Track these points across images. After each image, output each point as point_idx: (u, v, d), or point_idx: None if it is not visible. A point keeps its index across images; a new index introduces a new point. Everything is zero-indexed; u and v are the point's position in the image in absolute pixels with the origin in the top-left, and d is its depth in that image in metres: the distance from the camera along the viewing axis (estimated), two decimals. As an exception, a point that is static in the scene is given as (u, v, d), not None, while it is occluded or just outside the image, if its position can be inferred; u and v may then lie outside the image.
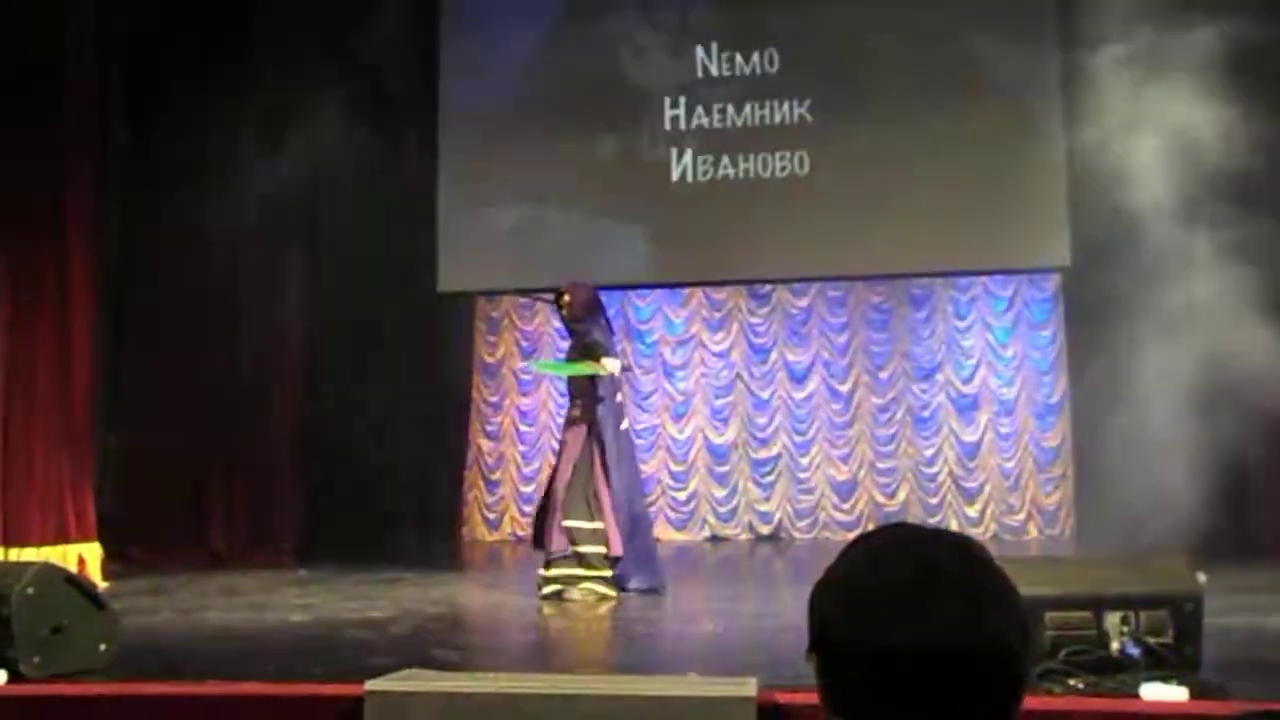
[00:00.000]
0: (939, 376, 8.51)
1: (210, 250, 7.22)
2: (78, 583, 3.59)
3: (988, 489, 8.27)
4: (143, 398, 7.30)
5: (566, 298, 5.40)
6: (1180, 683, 2.72)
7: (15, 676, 3.15)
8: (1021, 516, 8.13)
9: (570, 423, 5.38)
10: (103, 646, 3.44)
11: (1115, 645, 2.89)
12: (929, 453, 8.50)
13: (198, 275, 7.21)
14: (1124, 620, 2.91)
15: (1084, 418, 7.46)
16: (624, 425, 5.39)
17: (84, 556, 6.01)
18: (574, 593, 4.99)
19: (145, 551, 7.01)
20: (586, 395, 5.25)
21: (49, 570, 3.50)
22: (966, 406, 8.45)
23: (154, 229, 7.40)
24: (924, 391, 8.52)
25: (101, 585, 5.10)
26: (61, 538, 5.99)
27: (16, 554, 5.66)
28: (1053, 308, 8.20)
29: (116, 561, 6.50)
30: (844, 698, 0.92)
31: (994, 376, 8.41)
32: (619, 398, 5.39)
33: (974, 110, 7.12)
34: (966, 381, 8.48)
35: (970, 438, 8.42)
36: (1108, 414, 6.20)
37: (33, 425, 5.97)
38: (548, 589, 5.04)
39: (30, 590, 3.26)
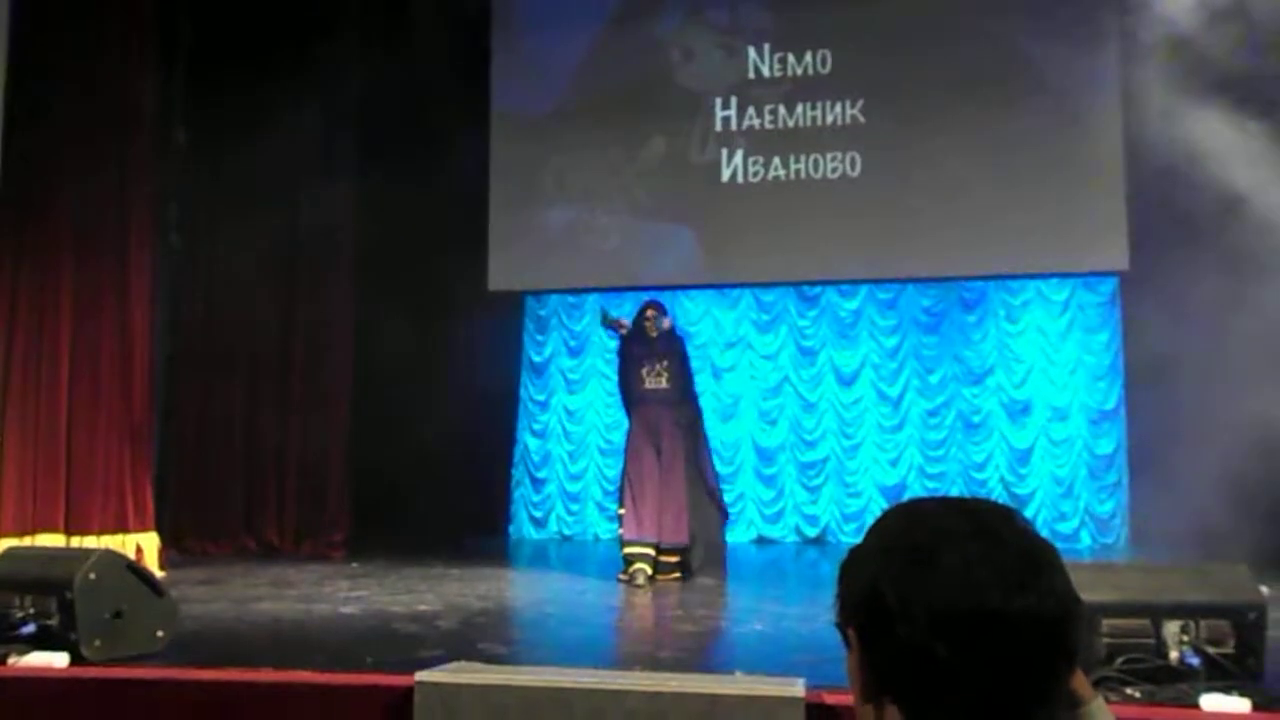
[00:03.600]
0: (990, 381, 8.39)
1: (264, 249, 7.36)
2: (137, 570, 3.69)
3: (1039, 495, 8.12)
4: (198, 393, 7.47)
5: (666, 323, 5.98)
6: (1242, 694, 2.65)
7: (77, 659, 3.24)
8: (1074, 524, 7.97)
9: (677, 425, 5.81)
10: (160, 632, 3.52)
11: (1174, 654, 2.82)
12: (979, 458, 8.37)
13: (252, 272, 7.36)
14: (1183, 629, 2.84)
15: (1141, 424, 7.30)
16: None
17: (142, 546, 6.16)
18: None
19: (200, 542, 7.18)
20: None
21: (110, 557, 3.59)
22: (1018, 411, 8.31)
23: (210, 228, 7.57)
24: (975, 396, 8.40)
25: (158, 574, 5.21)
26: (121, 527, 6.15)
27: (78, 541, 5.82)
28: (1109, 312, 8.03)
29: (173, 551, 6.66)
30: (891, 669, 0.84)
31: (1047, 381, 8.26)
32: None
33: (1029, 109, 7.00)
34: (1019, 386, 8.34)
35: (1022, 443, 8.28)
36: (1165, 421, 6.06)
37: (95, 419, 6.14)
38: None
39: (92, 575, 3.35)
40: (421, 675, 2.77)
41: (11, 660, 3.16)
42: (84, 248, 6.21)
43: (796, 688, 2.65)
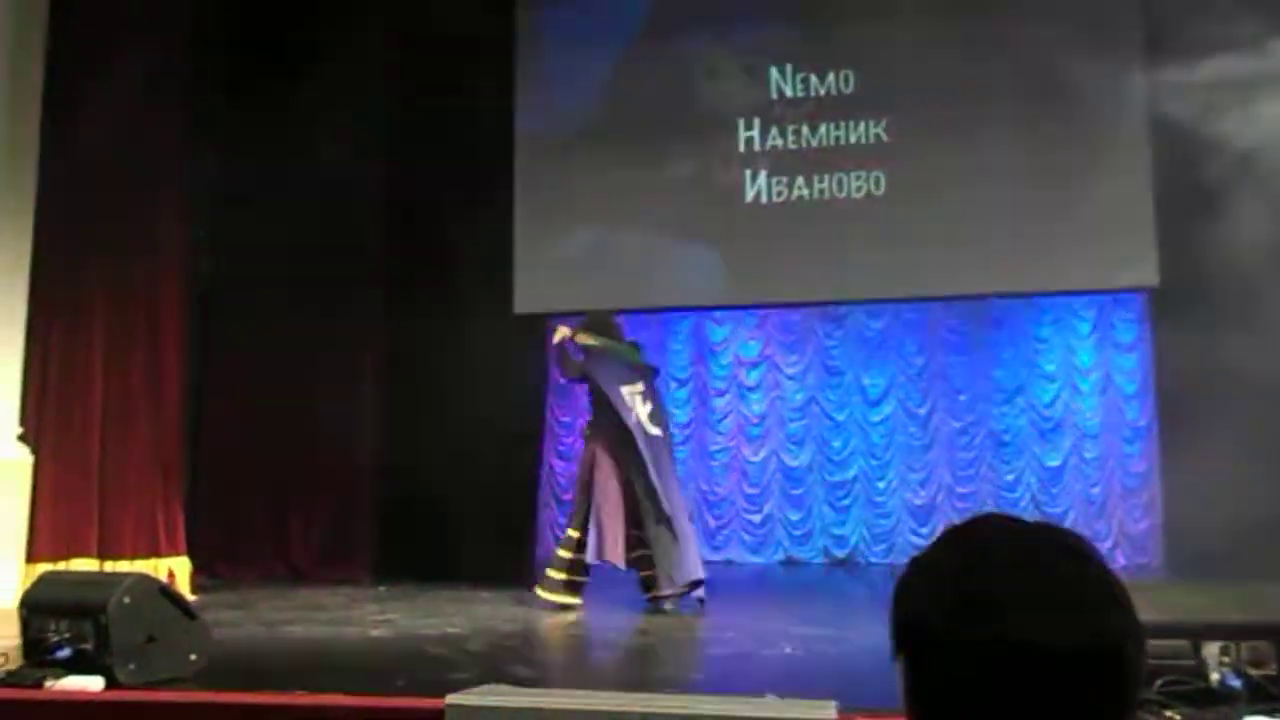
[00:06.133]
0: (1020, 399, 8.31)
1: (292, 273, 7.45)
2: (170, 594, 3.71)
3: (1071, 515, 8.02)
4: (228, 421, 7.54)
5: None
6: (1286, 717, 2.60)
7: (112, 682, 3.26)
8: (1108, 544, 7.86)
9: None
10: (193, 656, 3.54)
11: (1215, 676, 2.77)
12: (1009, 478, 8.29)
13: (279, 298, 7.44)
14: (1224, 650, 2.79)
15: (1174, 442, 7.20)
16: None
17: (173, 570, 6.22)
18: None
19: (230, 567, 7.22)
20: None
21: (144, 581, 3.62)
22: (1049, 430, 8.23)
23: (238, 254, 7.66)
24: (1004, 415, 8.33)
25: (190, 598, 5.25)
26: (153, 551, 6.21)
27: (111, 566, 5.88)
28: (1140, 329, 7.94)
29: (203, 575, 6.70)
30: (937, 701, 0.83)
31: (1077, 400, 8.18)
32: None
33: (1055, 125, 6.96)
34: (1049, 405, 8.26)
35: (1053, 462, 8.20)
36: (1199, 438, 5.98)
37: (128, 446, 6.23)
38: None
39: (127, 600, 3.38)
40: (452, 698, 2.76)
41: (48, 684, 3.19)
42: (116, 277, 6.32)
43: (829, 710, 2.62)
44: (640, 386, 5.70)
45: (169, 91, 6.55)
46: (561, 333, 5.72)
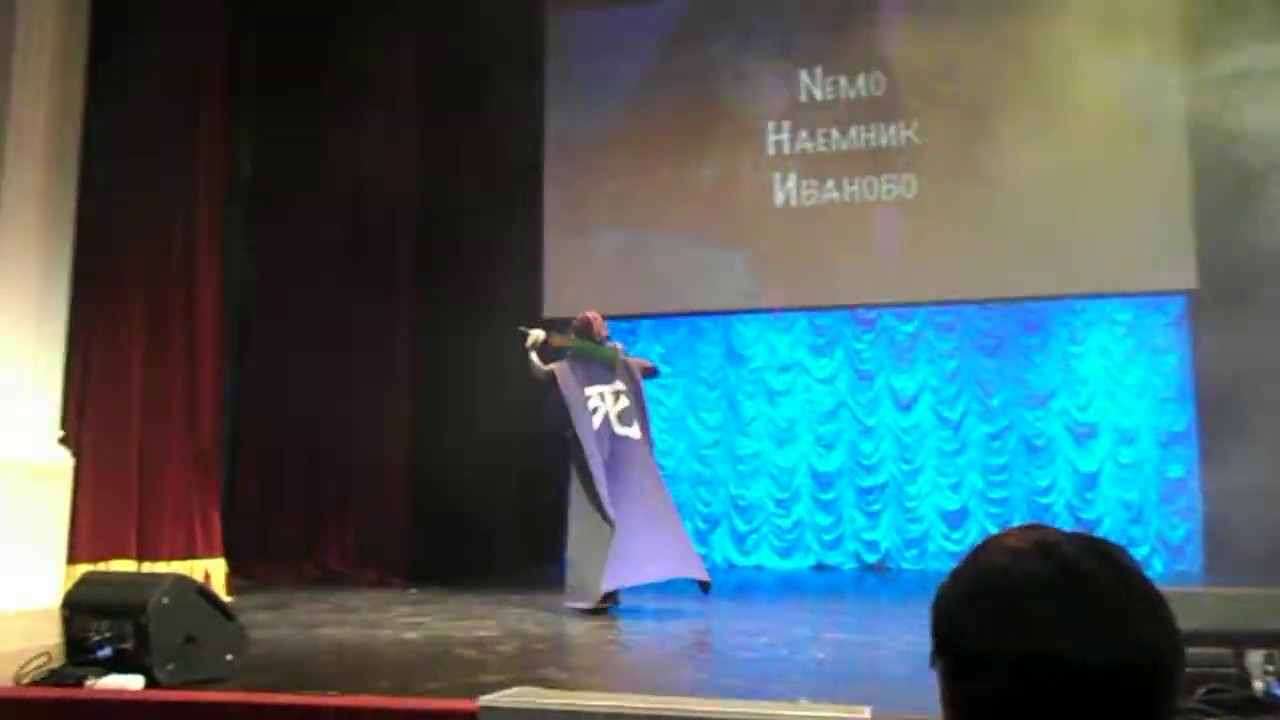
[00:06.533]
0: (1054, 404, 8.22)
1: (324, 278, 7.52)
2: (208, 595, 3.75)
3: (1107, 521, 7.92)
4: (263, 424, 7.63)
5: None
6: (1333, 726, 2.55)
7: (151, 682, 3.30)
8: (1145, 550, 7.75)
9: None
10: (230, 656, 3.58)
11: (1258, 685, 2.72)
12: (1044, 483, 8.20)
13: (312, 302, 7.52)
14: (1268, 658, 2.74)
15: (1214, 447, 7.08)
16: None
17: (209, 572, 6.29)
18: None
19: (265, 569, 7.30)
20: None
21: (183, 582, 3.66)
22: (1084, 435, 8.13)
23: (272, 257, 7.75)
24: (1038, 419, 8.24)
25: (225, 599, 5.31)
26: (190, 553, 6.30)
27: (149, 567, 5.96)
28: (1178, 332, 7.82)
29: (239, 577, 6.78)
30: (974, 711, 0.84)
31: (1113, 404, 8.07)
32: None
33: (1089, 125, 6.89)
34: (1083, 409, 8.16)
35: (1088, 467, 8.09)
36: (1241, 443, 5.88)
37: (166, 449, 6.32)
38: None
39: (166, 600, 3.42)
40: (485, 700, 2.77)
41: (89, 683, 3.24)
42: (154, 282, 6.42)
43: (864, 714, 2.61)
44: (617, 385, 5.67)
45: (205, 92, 6.65)
46: (534, 336, 5.71)
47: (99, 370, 6.19)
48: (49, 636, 3.78)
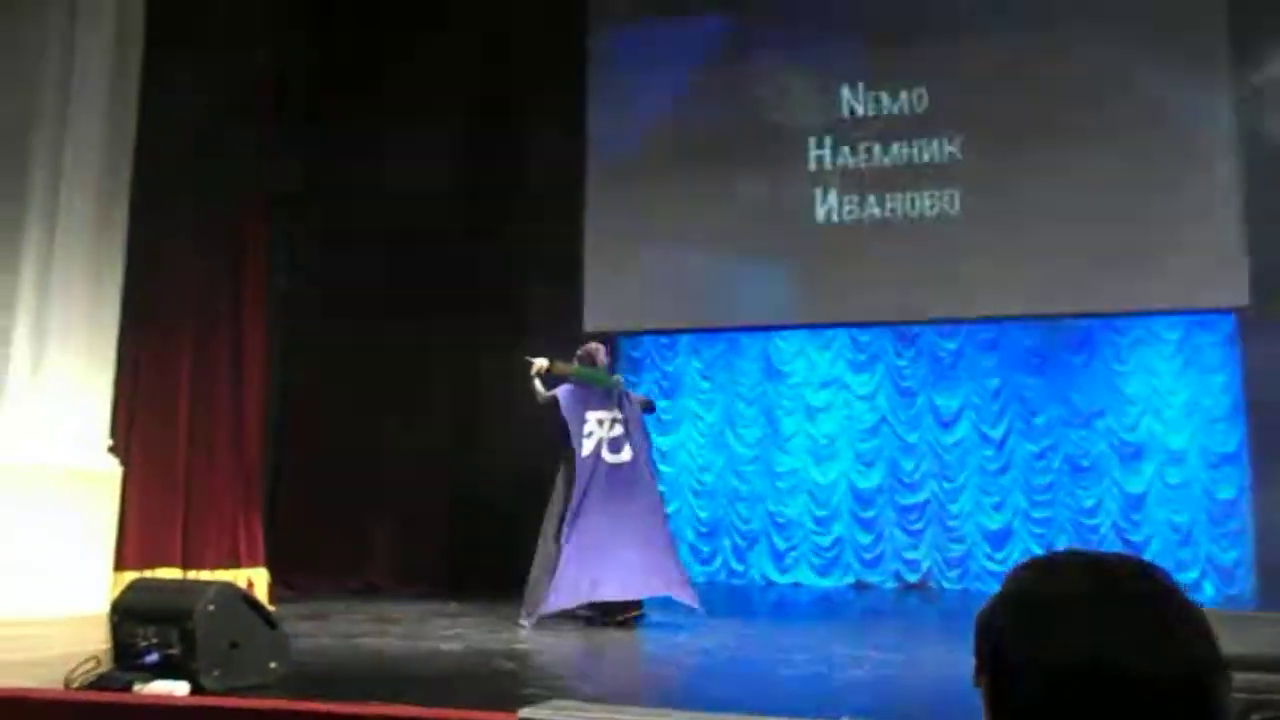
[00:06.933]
0: (1100, 423, 8.08)
1: (365, 294, 7.62)
2: (252, 602, 3.81)
3: (1155, 543, 7.76)
4: (306, 436, 7.73)
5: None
6: (1393, 757, 2.47)
7: (197, 688, 3.35)
8: (1195, 574, 7.58)
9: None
10: (273, 664, 3.62)
11: (1315, 712, 2.64)
12: (1089, 503, 8.06)
13: (354, 317, 7.61)
14: (1324, 685, 2.66)
15: (1267, 469, 6.91)
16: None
17: (252, 581, 6.38)
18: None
19: (307, 579, 7.38)
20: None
21: (229, 589, 3.71)
22: (1130, 455, 7.98)
23: (317, 271, 7.87)
24: (1083, 438, 8.11)
25: (268, 608, 5.37)
26: (233, 562, 6.39)
27: (194, 575, 6.06)
28: (1228, 350, 7.66)
29: (281, 587, 6.86)
30: None
31: (1161, 424, 7.92)
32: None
33: (1136, 139, 6.80)
34: (1130, 429, 8.02)
35: (1135, 488, 7.94)
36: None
37: (212, 460, 6.44)
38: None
39: (212, 607, 3.47)
40: (525, 712, 2.78)
41: (136, 688, 3.29)
42: (202, 294, 6.55)
43: (906, 736, 2.57)
44: (615, 413, 5.75)
45: (252, 108, 6.79)
46: (538, 365, 5.83)
47: (148, 386, 6.32)
48: (97, 641, 3.85)
